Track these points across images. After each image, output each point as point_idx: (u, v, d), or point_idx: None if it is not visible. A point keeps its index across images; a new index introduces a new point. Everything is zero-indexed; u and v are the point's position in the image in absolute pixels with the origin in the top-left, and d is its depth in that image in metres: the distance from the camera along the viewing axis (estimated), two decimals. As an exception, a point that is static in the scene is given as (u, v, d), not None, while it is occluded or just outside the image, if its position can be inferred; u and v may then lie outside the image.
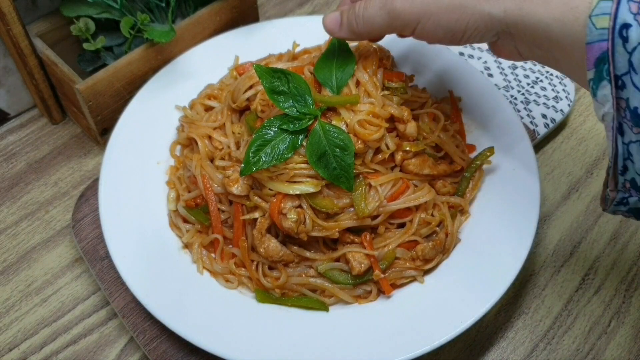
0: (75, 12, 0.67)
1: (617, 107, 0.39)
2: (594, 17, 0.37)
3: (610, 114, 0.39)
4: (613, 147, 0.40)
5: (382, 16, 0.47)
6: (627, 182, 0.42)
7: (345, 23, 0.51)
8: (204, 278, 0.57)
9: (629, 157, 0.40)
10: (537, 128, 0.71)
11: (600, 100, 0.39)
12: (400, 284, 0.56)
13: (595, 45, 0.38)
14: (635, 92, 0.37)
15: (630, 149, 0.40)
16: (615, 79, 0.38)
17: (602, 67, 0.38)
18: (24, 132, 0.74)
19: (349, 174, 0.53)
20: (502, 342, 0.59)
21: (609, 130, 0.40)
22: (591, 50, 0.38)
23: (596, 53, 0.38)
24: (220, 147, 0.60)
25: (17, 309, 0.61)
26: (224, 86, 0.67)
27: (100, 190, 0.59)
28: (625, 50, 0.37)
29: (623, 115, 0.39)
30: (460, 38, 0.46)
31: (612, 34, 0.37)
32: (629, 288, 0.63)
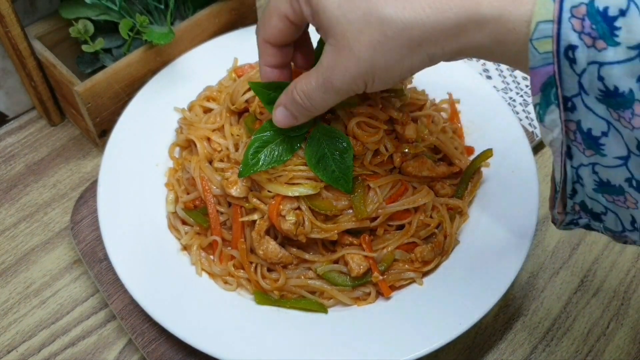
0: (74, 14, 0.67)
1: (567, 130, 0.37)
2: (535, 41, 0.35)
3: (559, 139, 0.37)
4: (562, 172, 0.39)
5: (330, 96, 0.45)
6: (577, 204, 0.41)
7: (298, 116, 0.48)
8: (203, 280, 0.57)
9: (579, 180, 0.39)
10: (535, 130, 0.71)
11: (548, 126, 0.37)
12: (399, 285, 0.56)
13: (540, 70, 0.35)
14: (587, 113, 0.35)
15: (579, 172, 0.39)
16: (564, 101, 0.36)
17: (549, 90, 0.36)
18: (22, 134, 0.74)
19: (347, 177, 0.53)
20: (501, 344, 0.59)
21: (557, 156, 0.39)
22: (537, 76, 0.36)
23: (542, 78, 0.36)
24: (219, 149, 0.60)
25: (16, 311, 0.61)
26: (223, 88, 0.67)
27: (99, 192, 0.59)
28: (574, 72, 0.34)
29: (573, 139, 0.37)
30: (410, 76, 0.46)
31: (557, 56, 0.34)
32: (627, 290, 0.63)
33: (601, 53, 0.33)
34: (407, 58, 0.40)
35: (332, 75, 0.43)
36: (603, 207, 0.40)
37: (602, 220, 0.41)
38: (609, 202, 0.39)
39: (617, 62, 0.33)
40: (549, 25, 0.34)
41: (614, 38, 0.32)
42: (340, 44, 0.41)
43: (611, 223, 0.41)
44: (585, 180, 0.39)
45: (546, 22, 0.34)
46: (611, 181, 0.38)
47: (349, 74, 0.42)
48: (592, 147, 0.37)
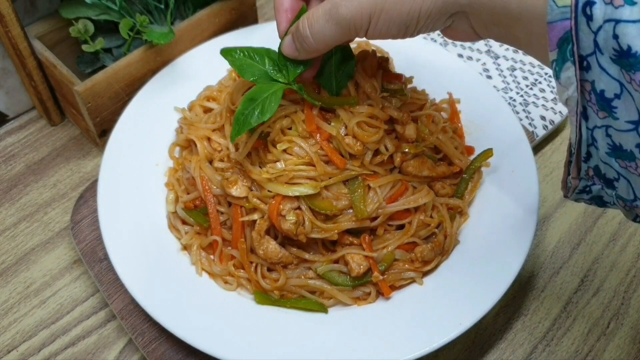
0: (74, 14, 0.67)
1: (582, 90, 0.37)
2: None
3: (575, 97, 0.37)
4: (577, 133, 0.39)
5: (330, 28, 0.44)
6: (591, 169, 0.41)
7: (298, 46, 0.48)
8: (203, 280, 0.57)
9: (593, 143, 0.39)
10: (535, 130, 0.71)
11: (564, 83, 0.37)
12: (399, 285, 0.56)
13: (557, 24, 0.35)
14: (601, 74, 0.35)
15: (594, 135, 0.38)
16: (579, 60, 0.36)
17: (566, 47, 0.36)
18: (22, 133, 0.74)
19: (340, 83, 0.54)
20: (501, 343, 0.59)
21: (572, 115, 0.38)
22: (553, 30, 0.36)
23: (559, 33, 0.36)
24: (219, 149, 0.60)
25: (16, 311, 0.61)
26: (223, 88, 0.67)
27: (99, 191, 0.59)
28: (590, 29, 0.34)
29: (588, 99, 0.37)
30: (414, 30, 0.43)
31: (574, 12, 0.34)
32: (627, 289, 0.63)
33: (618, 10, 0.33)
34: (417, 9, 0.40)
35: (340, 2, 0.43)
36: (616, 172, 0.39)
37: (614, 187, 0.40)
38: (622, 167, 0.39)
39: (633, 21, 0.33)
40: None
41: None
42: None
43: (623, 190, 0.40)
44: (599, 143, 0.38)
45: None
46: (623, 146, 0.37)
47: (357, 2, 0.42)
48: (605, 109, 0.37)
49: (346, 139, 0.53)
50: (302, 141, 0.54)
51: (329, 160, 0.54)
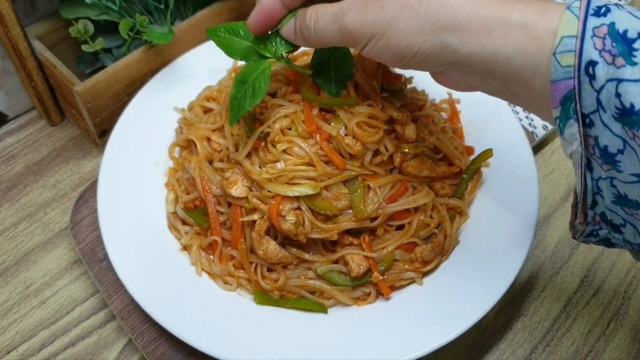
0: (74, 14, 0.67)
1: (585, 144, 0.38)
2: (558, 54, 0.36)
3: (579, 152, 0.38)
4: (582, 184, 0.40)
5: (333, 31, 0.45)
6: (597, 215, 0.41)
7: (298, 32, 0.49)
8: (203, 280, 0.57)
9: (599, 192, 0.40)
10: (535, 130, 0.71)
11: (568, 139, 0.38)
12: (399, 285, 0.56)
13: (561, 83, 0.36)
14: (604, 130, 0.36)
15: (599, 185, 0.39)
16: (582, 117, 0.37)
17: (569, 105, 0.37)
18: (22, 134, 0.74)
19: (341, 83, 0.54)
20: (500, 344, 0.59)
21: (577, 168, 0.39)
22: (557, 89, 0.37)
23: (562, 92, 0.37)
24: (219, 149, 0.60)
25: (16, 311, 0.61)
26: (223, 88, 0.67)
27: (99, 192, 0.59)
28: (593, 88, 0.35)
29: (592, 152, 0.38)
30: (406, 63, 0.44)
31: (577, 72, 0.35)
32: (627, 290, 0.63)
33: (620, 70, 0.34)
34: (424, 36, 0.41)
35: (349, 11, 0.43)
36: (622, 219, 0.40)
37: (621, 231, 0.41)
38: (628, 214, 0.40)
39: (634, 80, 0.34)
40: (572, 40, 0.35)
41: (632, 58, 0.34)
42: None
43: (630, 235, 0.41)
44: (605, 193, 0.39)
45: (570, 37, 0.36)
46: (629, 196, 0.38)
47: (363, 18, 0.43)
48: (609, 162, 0.38)
49: (346, 139, 0.53)
50: (302, 141, 0.54)
51: (328, 160, 0.54)
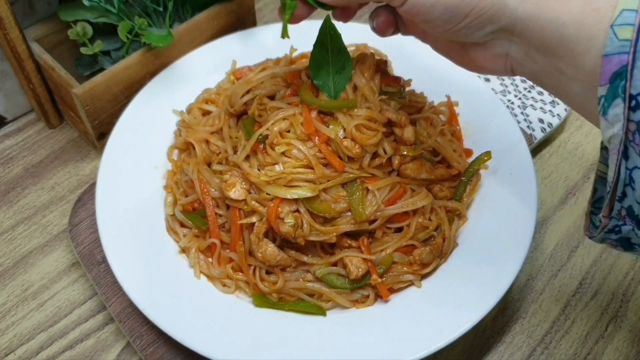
0: (73, 17, 0.67)
1: (626, 130, 0.36)
2: (616, 26, 0.34)
3: (619, 135, 0.36)
4: (615, 172, 0.38)
5: None
6: (624, 209, 0.40)
7: None
8: (201, 283, 0.57)
9: (630, 183, 0.38)
10: (534, 132, 0.71)
11: (611, 120, 0.36)
12: (398, 288, 0.56)
13: (614, 57, 0.35)
14: None
15: (632, 175, 0.37)
16: (630, 99, 0.35)
17: (618, 83, 0.35)
18: (21, 136, 0.74)
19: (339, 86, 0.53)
20: (499, 346, 0.59)
21: (613, 154, 0.37)
22: (609, 63, 0.35)
23: (614, 67, 0.35)
24: (218, 152, 0.60)
25: (14, 314, 0.61)
26: (222, 90, 0.67)
27: (97, 194, 0.59)
28: None
29: (631, 139, 0.36)
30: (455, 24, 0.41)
31: (634, 46, 0.34)
32: (625, 292, 0.63)
33: None
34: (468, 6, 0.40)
35: None
36: None
37: None
38: None
39: None
40: (632, 14, 0.34)
41: None
42: None
43: None
44: (637, 184, 0.38)
45: (631, 10, 0.34)
46: None
47: None
48: None
49: (344, 141, 0.53)
50: (300, 144, 0.54)
51: (327, 163, 0.54)
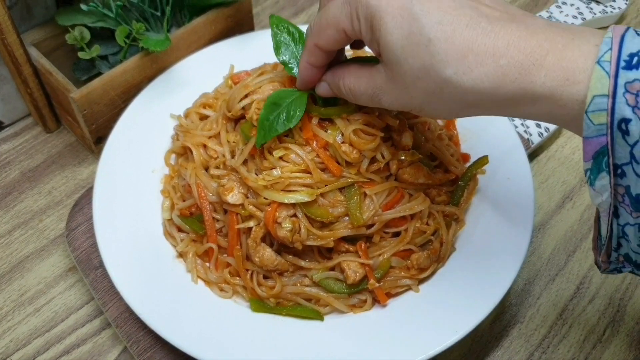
0: (71, 21, 0.67)
1: (615, 193, 0.38)
2: (590, 113, 0.36)
3: (608, 201, 0.39)
4: (608, 229, 0.40)
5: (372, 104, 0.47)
6: (621, 256, 0.42)
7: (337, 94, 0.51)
8: (199, 287, 0.57)
9: (624, 236, 0.40)
10: (531, 137, 0.71)
11: (598, 190, 0.38)
12: (396, 292, 0.56)
13: (593, 140, 0.37)
14: (637, 181, 0.36)
15: (625, 230, 0.39)
16: (614, 168, 0.37)
17: (601, 159, 0.37)
18: (18, 140, 0.74)
19: None
20: (497, 351, 0.59)
21: (604, 215, 0.40)
22: (589, 145, 0.37)
23: (595, 147, 0.37)
24: (215, 156, 0.60)
25: (10, 319, 0.60)
26: (219, 95, 0.67)
27: (95, 199, 0.59)
28: (626, 142, 0.35)
29: (621, 201, 0.38)
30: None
31: (610, 129, 0.36)
32: (623, 297, 0.63)
33: None
34: (457, 111, 0.43)
35: (382, 96, 0.45)
36: None
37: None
38: None
39: None
40: (604, 99, 0.35)
41: None
42: (397, 78, 0.43)
43: None
44: (631, 237, 0.39)
45: (601, 96, 0.35)
46: None
47: (399, 103, 0.45)
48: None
49: (343, 146, 0.53)
50: (298, 148, 0.54)
51: (325, 167, 0.54)
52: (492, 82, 0.39)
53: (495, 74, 0.38)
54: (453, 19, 0.39)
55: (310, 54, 0.49)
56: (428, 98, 0.42)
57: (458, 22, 0.39)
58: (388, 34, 0.41)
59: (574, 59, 0.37)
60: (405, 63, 0.41)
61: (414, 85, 0.42)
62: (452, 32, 0.39)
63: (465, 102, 0.41)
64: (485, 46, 0.38)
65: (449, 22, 0.39)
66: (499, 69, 0.38)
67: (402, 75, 0.42)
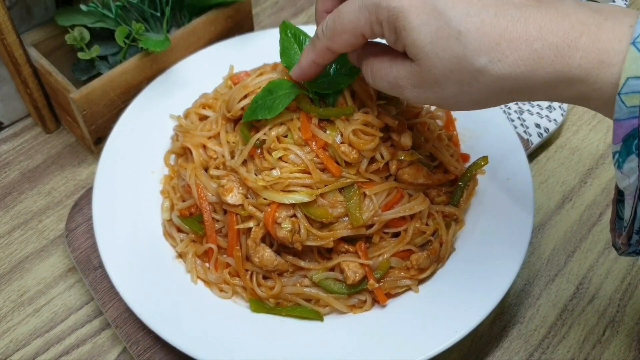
0: (70, 22, 0.67)
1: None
2: (623, 95, 0.36)
3: (635, 184, 0.38)
4: (632, 212, 0.40)
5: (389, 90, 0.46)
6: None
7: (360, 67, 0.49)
8: (198, 288, 0.57)
9: None
10: (530, 137, 0.71)
11: (626, 173, 0.38)
12: (395, 293, 0.56)
13: (624, 122, 0.36)
14: None
15: None
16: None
17: (631, 142, 0.37)
18: (17, 141, 0.74)
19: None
20: (497, 351, 0.59)
21: (629, 198, 0.39)
22: (620, 127, 0.37)
23: (626, 130, 0.37)
24: (215, 157, 0.60)
25: (10, 319, 0.60)
26: (219, 95, 0.67)
27: (94, 199, 0.59)
28: None
29: None
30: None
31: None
32: (623, 297, 0.63)
33: None
34: (492, 99, 0.42)
35: (406, 89, 0.44)
36: None
37: None
38: None
39: None
40: (638, 81, 0.35)
41: None
42: (426, 74, 0.42)
43: None
44: None
45: (636, 78, 0.35)
46: None
47: (425, 96, 0.44)
48: None
49: (342, 147, 0.53)
50: (297, 149, 0.54)
51: (324, 168, 0.54)
52: (528, 66, 0.38)
53: (530, 58, 0.38)
54: (480, 10, 0.39)
55: (318, 55, 0.49)
56: (462, 89, 0.41)
57: (486, 12, 0.39)
58: (414, 31, 0.40)
59: (609, 40, 0.37)
60: (435, 57, 0.40)
61: (446, 78, 0.41)
62: (481, 23, 0.39)
63: (502, 89, 0.40)
64: (517, 32, 0.38)
65: (476, 13, 0.39)
66: (533, 52, 0.38)
67: (432, 70, 0.41)
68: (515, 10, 0.39)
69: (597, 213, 0.68)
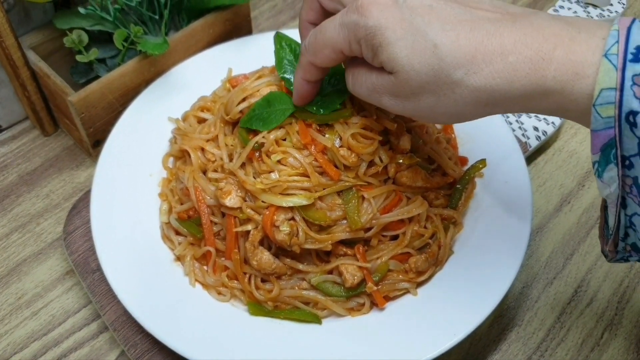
0: (69, 24, 0.67)
1: (623, 184, 0.38)
2: (598, 106, 0.36)
3: (616, 192, 0.39)
4: (615, 220, 0.40)
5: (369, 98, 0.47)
6: (628, 245, 0.42)
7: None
8: (196, 291, 0.56)
9: (631, 226, 0.40)
10: (528, 140, 0.72)
11: (606, 182, 0.39)
12: (394, 296, 0.56)
13: (601, 132, 0.37)
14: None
15: (632, 220, 0.40)
16: (622, 160, 0.37)
17: (609, 151, 0.37)
18: (15, 143, 0.74)
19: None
20: (495, 354, 0.59)
21: (612, 206, 0.40)
22: (597, 138, 0.37)
23: (603, 140, 0.37)
24: (213, 159, 0.60)
25: (7, 323, 0.60)
26: (217, 98, 0.67)
27: (92, 202, 0.59)
28: (634, 134, 0.36)
29: (628, 192, 0.38)
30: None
31: (618, 121, 0.36)
32: (621, 300, 0.63)
33: None
34: (468, 112, 0.43)
35: (383, 97, 0.45)
36: None
37: None
38: None
39: None
40: (611, 92, 0.36)
41: None
42: (403, 85, 0.42)
43: None
44: (638, 227, 0.40)
45: (609, 89, 0.36)
46: None
47: (402, 105, 0.44)
48: None
49: (341, 150, 0.53)
50: (296, 152, 0.54)
51: (323, 171, 0.54)
52: (504, 79, 0.39)
53: (505, 71, 0.39)
54: (455, 25, 0.40)
55: (305, 71, 0.50)
56: (438, 101, 0.42)
57: (462, 27, 0.40)
58: (390, 46, 0.41)
59: (582, 52, 0.37)
60: (412, 70, 0.41)
61: (422, 89, 0.42)
62: (456, 36, 0.39)
63: (477, 101, 0.41)
64: (492, 46, 0.39)
65: (452, 28, 0.40)
66: (508, 65, 0.39)
67: (408, 81, 0.42)
68: (491, 25, 0.40)
69: (595, 216, 0.68)
